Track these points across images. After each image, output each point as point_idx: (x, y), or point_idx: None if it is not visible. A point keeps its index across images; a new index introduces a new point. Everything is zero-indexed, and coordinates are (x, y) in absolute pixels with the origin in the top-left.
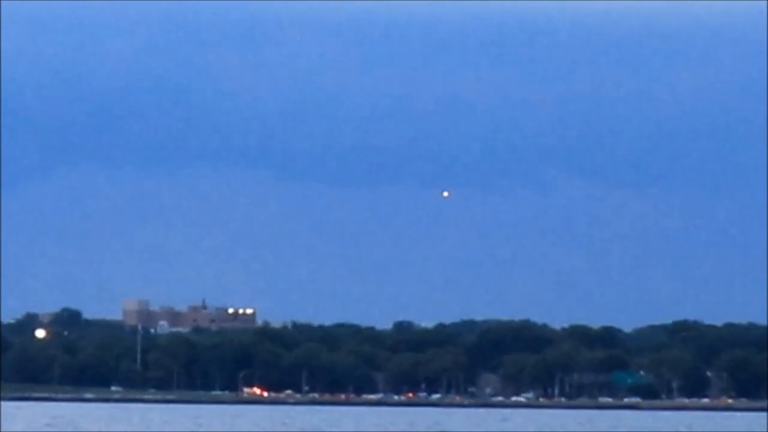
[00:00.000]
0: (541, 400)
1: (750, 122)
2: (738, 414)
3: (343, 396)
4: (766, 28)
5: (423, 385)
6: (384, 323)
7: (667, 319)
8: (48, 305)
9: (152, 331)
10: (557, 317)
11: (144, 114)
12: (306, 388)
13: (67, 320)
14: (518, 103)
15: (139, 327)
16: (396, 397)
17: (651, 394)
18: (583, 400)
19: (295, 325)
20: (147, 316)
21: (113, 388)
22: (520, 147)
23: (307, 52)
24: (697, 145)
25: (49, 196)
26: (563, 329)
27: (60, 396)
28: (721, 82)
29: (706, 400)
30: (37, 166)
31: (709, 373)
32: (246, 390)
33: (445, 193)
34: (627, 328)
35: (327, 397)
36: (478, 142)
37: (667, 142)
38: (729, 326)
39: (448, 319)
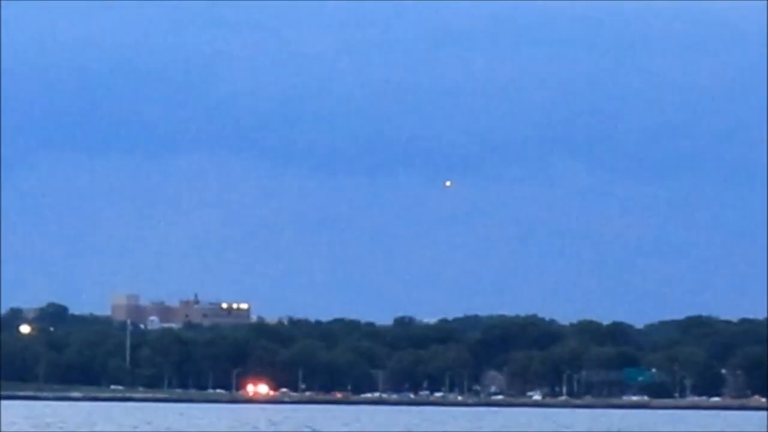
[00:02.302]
0: (548, 398)
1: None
2: (752, 413)
3: (341, 394)
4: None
5: (425, 384)
6: (384, 319)
7: (680, 315)
8: (33, 300)
9: (142, 327)
10: (565, 312)
11: (133, 101)
12: (302, 386)
13: (53, 316)
14: (523, 91)
15: (129, 323)
16: (396, 396)
17: (663, 392)
18: (591, 398)
19: (291, 321)
20: (136, 311)
21: (102, 387)
22: (526, 136)
23: (305, 39)
24: (713, 137)
25: (34, 186)
26: (571, 325)
27: (45, 395)
28: (729, 73)
29: (718, 399)
30: (21, 156)
31: (723, 371)
32: (251, 389)
33: (448, 183)
34: (638, 323)
35: (324, 395)
36: (482, 130)
37: (683, 132)
38: (745, 322)
39: (451, 315)
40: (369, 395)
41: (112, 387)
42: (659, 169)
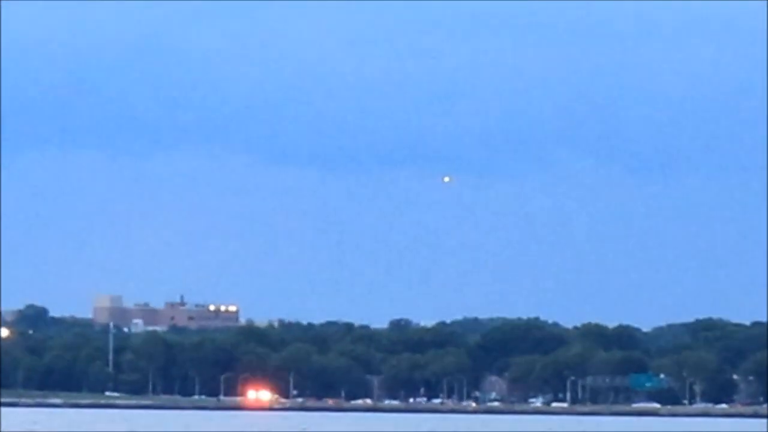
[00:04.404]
0: (553, 405)
1: None
2: (765, 421)
3: (333, 401)
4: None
5: (422, 390)
6: (379, 321)
7: (690, 318)
8: (11, 302)
9: (125, 329)
10: (569, 315)
11: (116, 93)
12: (294, 392)
13: (33, 318)
14: (525, 84)
15: (111, 325)
16: (392, 403)
17: (671, 399)
18: (597, 405)
19: (282, 324)
20: (120, 313)
21: (83, 393)
22: (528, 131)
23: (298, 27)
24: (725, 131)
25: (11, 182)
26: (576, 328)
27: (24, 401)
28: (729, 73)
29: (730, 406)
30: None
31: (735, 377)
32: (251, 395)
33: (446, 179)
34: (645, 327)
35: (316, 402)
36: (482, 124)
37: (688, 130)
38: (757, 325)
39: (449, 317)
40: (363, 402)
41: (94, 393)
42: (667, 167)
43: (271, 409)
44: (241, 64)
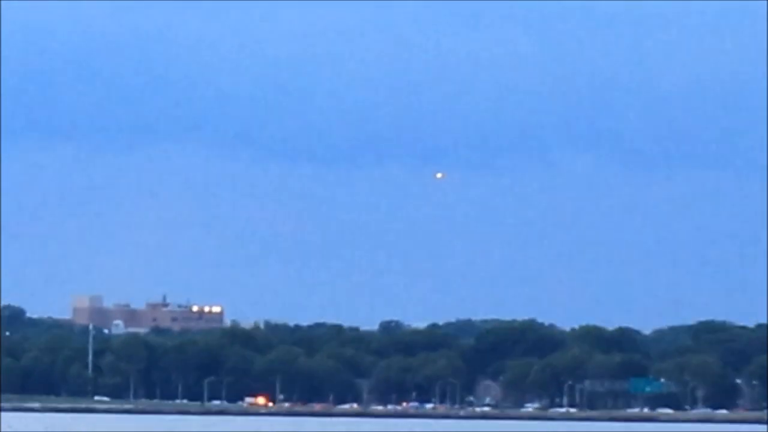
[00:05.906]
0: (558, 410)
1: None
2: (766, 428)
3: (321, 406)
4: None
5: (413, 394)
6: (369, 323)
7: (691, 320)
8: None
9: (106, 331)
10: (566, 317)
11: (98, 84)
12: (280, 396)
13: (9, 319)
14: (521, 77)
15: (91, 327)
16: (382, 408)
17: (672, 404)
18: (595, 410)
19: (267, 325)
20: (99, 314)
21: (62, 397)
22: (526, 125)
23: (292, 21)
24: (725, 130)
25: None
26: (573, 330)
27: (1, 405)
28: (729, 73)
29: (726, 412)
30: None
31: (738, 381)
32: (249, 401)
33: (439, 175)
34: (645, 329)
35: (303, 406)
36: (477, 118)
37: (692, 124)
38: (761, 328)
39: (442, 319)
40: (352, 407)
41: (73, 397)
42: (668, 165)
43: (256, 414)
44: (233, 59)
